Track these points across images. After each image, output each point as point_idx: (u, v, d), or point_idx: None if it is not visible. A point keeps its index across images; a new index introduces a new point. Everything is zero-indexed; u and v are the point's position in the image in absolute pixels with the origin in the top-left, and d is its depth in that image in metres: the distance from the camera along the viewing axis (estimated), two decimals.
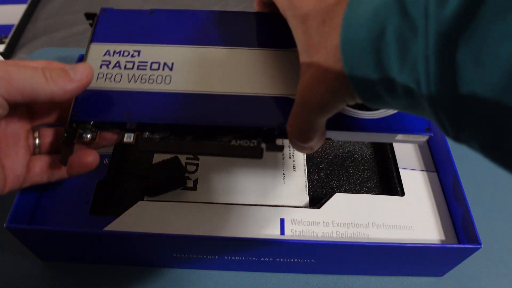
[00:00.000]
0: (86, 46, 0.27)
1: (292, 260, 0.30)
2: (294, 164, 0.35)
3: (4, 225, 0.27)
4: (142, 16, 0.28)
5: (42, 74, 0.22)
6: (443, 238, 0.31)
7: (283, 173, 0.34)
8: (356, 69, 0.17)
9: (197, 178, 0.33)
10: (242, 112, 0.25)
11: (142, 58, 0.27)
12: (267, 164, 0.34)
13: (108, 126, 0.25)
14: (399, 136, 0.24)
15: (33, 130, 0.27)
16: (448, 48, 0.13)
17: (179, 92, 0.25)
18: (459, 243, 0.30)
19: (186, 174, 0.33)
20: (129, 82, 0.26)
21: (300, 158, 0.35)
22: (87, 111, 0.25)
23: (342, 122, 0.24)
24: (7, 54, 0.49)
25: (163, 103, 0.25)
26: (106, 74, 0.26)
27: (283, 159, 0.35)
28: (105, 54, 0.27)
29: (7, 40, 0.50)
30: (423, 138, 0.24)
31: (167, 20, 0.28)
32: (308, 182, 0.34)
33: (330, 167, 0.35)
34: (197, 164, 0.34)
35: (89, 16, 0.29)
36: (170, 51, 0.27)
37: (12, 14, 0.54)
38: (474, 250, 0.28)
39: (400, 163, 0.35)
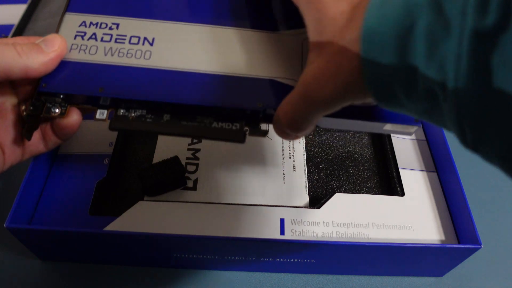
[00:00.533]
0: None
1: (292, 260, 0.30)
2: (294, 164, 0.35)
3: (4, 225, 0.27)
4: None
5: (13, 49, 0.22)
6: (443, 238, 0.31)
7: (283, 173, 0.34)
8: (375, 64, 0.16)
9: (197, 178, 0.33)
10: (224, 93, 0.23)
11: (121, 31, 0.25)
12: (267, 164, 0.34)
13: (79, 100, 0.24)
14: (388, 126, 0.23)
15: (20, 104, 0.26)
16: (483, 48, 0.13)
17: (159, 68, 0.24)
18: (459, 243, 0.30)
19: (186, 174, 0.33)
20: (105, 55, 0.24)
21: (300, 158, 0.35)
22: (57, 83, 0.23)
23: None
24: None
25: (141, 79, 0.23)
26: (81, 45, 0.24)
27: (283, 159, 0.35)
28: (80, 25, 0.25)
29: None
30: (412, 129, 0.23)
31: None
32: (308, 182, 0.34)
33: (330, 167, 0.35)
34: (197, 164, 0.34)
35: None
36: (151, 26, 0.25)
37: (12, 14, 0.54)
38: (474, 250, 0.28)
39: (400, 163, 0.35)
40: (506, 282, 0.34)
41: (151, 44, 0.25)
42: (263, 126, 0.24)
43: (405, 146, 0.36)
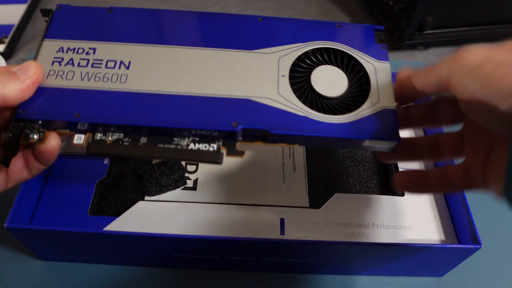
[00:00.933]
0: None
1: (292, 260, 0.30)
2: (294, 164, 0.35)
3: (4, 225, 0.27)
4: (101, 14, 0.27)
5: None
6: (443, 238, 0.31)
7: (283, 173, 0.34)
8: None
9: (197, 178, 0.33)
10: (200, 114, 0.24)
11: (97, 55, 0.25)
12: (267, 164, 0.34)
13: (57, 126, 0.24)
14: (366, 142, 0.24)
15: (0, 132, 0.25)
16: None
17: (135, 91, 0.24)
18: (459, 243, 0.30)
19: (186, 174, 0.33)
20: (82, 80, 0.24)
21: (300, 158, 0.35)
22: (34, 109, 0.23)
23: (307, 126, 0.23)
24: (7, 54, 0.49)
25: (117, 103, 0.24)
26: (58, 71, 0.25)
27: (283, 159, 0.35)
28: (58, 51, 0.25)
29: (7, 40, 0.50)
30: (391, 144, 0.24)
31: (126, 18, 0.27)
32: (308, 182, 0.34)
33: (330, 167, 0.35)
34: (197, 164, 0.34)
35: (44, 12, 0.27)
36: (127, 50, 0.26)
37: (12, 14, 0.54)
38: (474, 250, 0.28)
39: (400, 163, 0.35)
40: (506, 282, 0.34)
41: (127, 68, 0.25)
42: (242, 146, 0.24)
43: None
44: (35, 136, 0.23)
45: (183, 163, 0.33)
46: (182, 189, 0.32)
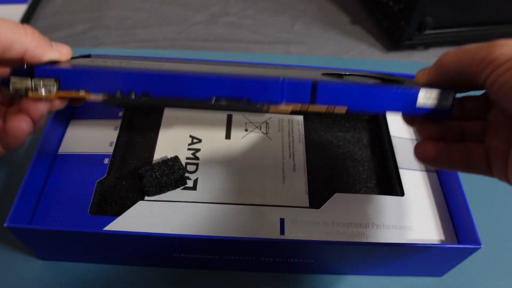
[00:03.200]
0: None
1: (292, 260, 0.30)
2: (294, 164, 0.35)
3: (4, 225, 0.27)
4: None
5: (22, 28, 0.23)
6: (443, 238, 0.31)
7: (283, 173, 0.34)
8: None
9: (197, 178, 0.33)
10: (242, 78, 0.22)
11: (131, 61, 0.27)
12: (267, 164, 0.34)
13: (75, 84, 0.23)
14: (422, 95, 0.22)
15: None
16: None
17: (172, 73, 0.23)
18: (459, 243, 0.30)
19: (186, 174, 0.33)
20: (113, 64, 0.25)
21: (300, 158, 0.35)
22: (55, 67, 0.23)
23: (354, 83, 0.22)
24: None
25: (149, 72, 0.23)
26: (88, 62, 0.25)
27: (283, 159, 0.35)
28: (92, 60, 0.27)
29: None
30: (448, 98, 0.22)
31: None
32: (308, 182, 0.34)
33: (330, 167, 0.35)
34: (197, 164, 0.34)
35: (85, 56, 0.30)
36: (163, 63, 0.27)
37: (12, 14, 0.54)
38: (474, 250, 0.28)
39: (400, 163, 0.35)
40: (506, 282, 0.34)
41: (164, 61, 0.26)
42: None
43: (405, 146, 0.36)
44: (42, 91, 0.22)
45: (183, 163, 0.33)
46: (182, 189, 0.32)
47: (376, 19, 0.61)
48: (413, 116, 0.24)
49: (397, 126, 0.38)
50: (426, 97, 0.22)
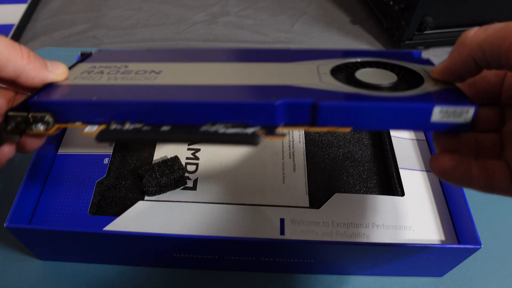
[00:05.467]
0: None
1: (292, 260, 0.30)
2: (294, 164, 0.35)
3: (4, 225, 0.27)
4: (136, 52, 0.30)
5: (19, 49, 0.22)
6: (443, 238, 0.31)
7: (283, 173, 0.34)
8: None
9: (197, 178, 0.33)
10: (234, 94, 0.22)
11: (129, 68, 0.26)
12: (267, 164, 0.34)
13: (70, 116, 0.23)
14: (436, 113, 0.20)
15: None
16: None
17: (163, 84, 0.24)
18: (459, 243, 0.30)
19: (186, 174, 0.33)
20: (108, 80, 0.25)
21: (300, 158, 0.35)
22: (50, 96, 0.23)
23: (362, 99, 0.21)
24: None
25: (141, 90, 0.23)
26: (84, 77, 0.25)
27: (283, 159, 0.35)
28: (90, 67, 0.27)
29: None
30: (467, 114, 0.20)
31: (161, 51, 0.29)
32: (308, 182, 0.34)
33: (330, 167, 0.35)
34: (197, 164, 0.34)
35: (84, 55, 0.31)
36: (159, 65, 0.27)
37: (12, 14, 0.54)
38: (474, 250, 0.28)
39: (400, 163, 0.35)
40: (506, 282, 0.34)
41: (158, 73, 0.25)
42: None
43: (405, 146, 0.36)
44: (41, 127, 0.22)
45: (183, 163, 0.33)
46: (182, 189, 0.32)
47: (377, 19, 0.61)
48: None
49: None
50: (441, 114, 0.20)
